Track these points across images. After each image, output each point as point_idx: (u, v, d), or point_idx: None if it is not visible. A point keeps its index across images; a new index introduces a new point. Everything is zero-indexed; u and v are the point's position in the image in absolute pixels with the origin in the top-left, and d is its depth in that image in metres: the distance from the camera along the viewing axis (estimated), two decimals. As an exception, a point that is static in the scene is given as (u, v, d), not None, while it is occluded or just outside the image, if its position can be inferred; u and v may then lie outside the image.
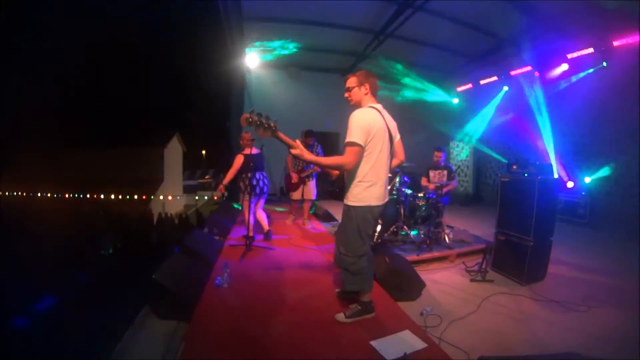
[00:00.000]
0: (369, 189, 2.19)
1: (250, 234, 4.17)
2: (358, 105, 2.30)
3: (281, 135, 2.12)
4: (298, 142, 2.10)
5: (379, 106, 2.27)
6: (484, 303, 2.97)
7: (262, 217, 4.71)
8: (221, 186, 4.43)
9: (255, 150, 4.35)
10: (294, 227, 5.56)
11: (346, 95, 2.33)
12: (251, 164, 4.24)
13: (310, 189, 5.40)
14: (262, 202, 4.74)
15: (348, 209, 2.26)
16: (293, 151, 2.09)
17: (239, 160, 4.32)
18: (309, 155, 2.11)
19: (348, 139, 2.10)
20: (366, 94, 2.28)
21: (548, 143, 7.54)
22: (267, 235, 4.63)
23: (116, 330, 2.49)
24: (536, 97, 7.78)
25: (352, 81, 2.29)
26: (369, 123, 2.12)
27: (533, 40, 6.82)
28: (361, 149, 2.10)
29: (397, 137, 2.38)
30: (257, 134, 2.15)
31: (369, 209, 2.22)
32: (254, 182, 4.36)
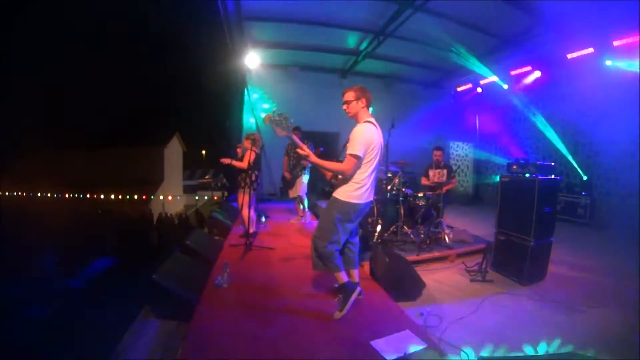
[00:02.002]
0: (358, 189, 2.42)
1: (251, 230, 4.21)
2: (355, 117, 2.52)
3: (294, 136, 2.45)
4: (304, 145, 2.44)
5: (374, 120, 2.49)
6: (484, 303, 2.97)
7: (253, 216, 4.73)
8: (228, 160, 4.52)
9: (256, 150, 4.47)
10: (294, 227, 5.56)
11: (344, 107, 2.54)
12: (257, 163, 4.46)
13: (299, 186, 5.47)
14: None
15: (334, 200, 2.48)
16: (301, 152, 2.37)
17: (252, 156, 4.33)
18: (314, 158, 2.39)
19: (351, 151, 2.35)
20: (363, 108, 2.50)
21: (548, 143, 7.54)
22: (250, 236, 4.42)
23: (116, 330, 2.49)
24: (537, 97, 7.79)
25: (349, 95, 2.51)
26: (369, 139, 2.39)
27: (533, 40, 6.82)
28: (361, 159, 2.37)
29: None
30: (275, 132, 2.41)
31: (352, 206, 2.43)
32: (257, 180, 4.54)
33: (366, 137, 2.38)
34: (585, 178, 6.76)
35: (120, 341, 2.37)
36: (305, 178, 5.48)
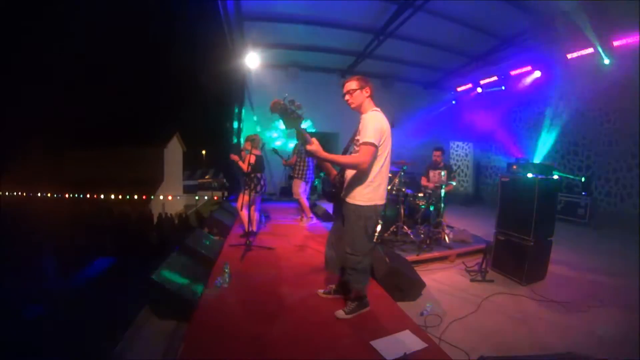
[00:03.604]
0: (376, 189, 2.25)
1: (253, 228, 4.28)
2: (359, 108, 2.32)
3: (304, 131, 2.14)
4: (315, 139, 2.14)
5: (380, 110, 2.30)
6: (484, 303, 2.97)
7: (255, 217, 4.75)
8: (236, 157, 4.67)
9: (257, 152, 4.48)
10: (293, 227, 5.56)
11: (346, 98, 2.32)
12: (259, 165, 4.49)
13: (295, 188, 5.47)
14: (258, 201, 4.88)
15: (356, 209, 2.27)
16: (309, 147, 2.11)
17: (252, 159, 4.35)
18: (323, 153, 2.13)
19: (365, 139, 2.14)
20: (367, 97, 2.31)
21: (548, 142, 7.53)
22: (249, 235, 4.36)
23: (116, 330, 2.48)
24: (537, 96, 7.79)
25: (352, 84, 2.29)
26: (383, 126, 2.20)
27: (533, 40, 6.82)
28: (377, 149, 2.16)
29: None
30: (283, 124, 2.11)
31: (374, 208, 2.27)
32: (260, 182, 4.57)
33: (380, 124, 2.18)
34: (583, 180, 6.76)
35: (120, 341, 2.37)
36: (300, 182, 5.41)
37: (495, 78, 8.42)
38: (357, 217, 2.27)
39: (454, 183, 5.07)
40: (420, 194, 4.66)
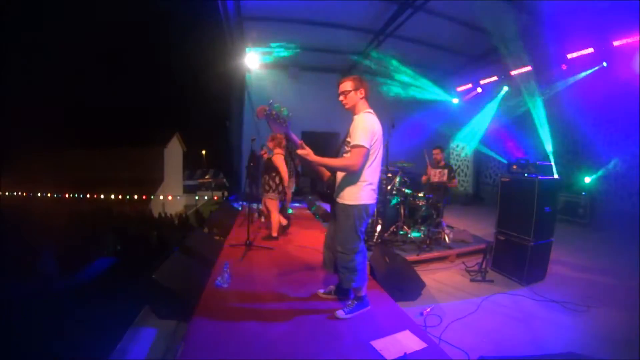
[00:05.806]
0: (366, 189, 2.28)
1: (274, 234, 4.37)
2: (353, 109, 2.35)
3: (291, 134, 2.20)
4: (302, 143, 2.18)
5: (373, 111, 2.34)
6: (484, 303, 2.97)
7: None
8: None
9: (281, 151, 4.42)
10: (293, 227, 5.55)
11: (341, 99, 2.36)
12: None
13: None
14: None
15: (345, 208, 2.31)
16: (300, 151, 2.14)
17: (282, 160, 4.30)
18: (314, 157, 2.16)
19: (356, 142, 2.18)
20: (361, 98, 2.33)
21: (547, 143, 7.53)
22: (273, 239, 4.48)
23: (116, 330, 2.48)
24: (536, 97, 7.78)
25: (347, 85, 2.33)
26: (374, 127, 2.23)
27: (533, 40, 6.82)
28: (368, 151, 2.19)
29: None
30: (270, 128, 2.18)
31: (365, 207, 2.31)
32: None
33: (370, 126, 2.21)
34: (588, 181, 6.76)
35: (120, 341, 2.37)
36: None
37: (495, 78, 8.41)
38: (347, 216, 2.31)
39: (455, 183, 5.07)
40: (420, 194, 4.66)
